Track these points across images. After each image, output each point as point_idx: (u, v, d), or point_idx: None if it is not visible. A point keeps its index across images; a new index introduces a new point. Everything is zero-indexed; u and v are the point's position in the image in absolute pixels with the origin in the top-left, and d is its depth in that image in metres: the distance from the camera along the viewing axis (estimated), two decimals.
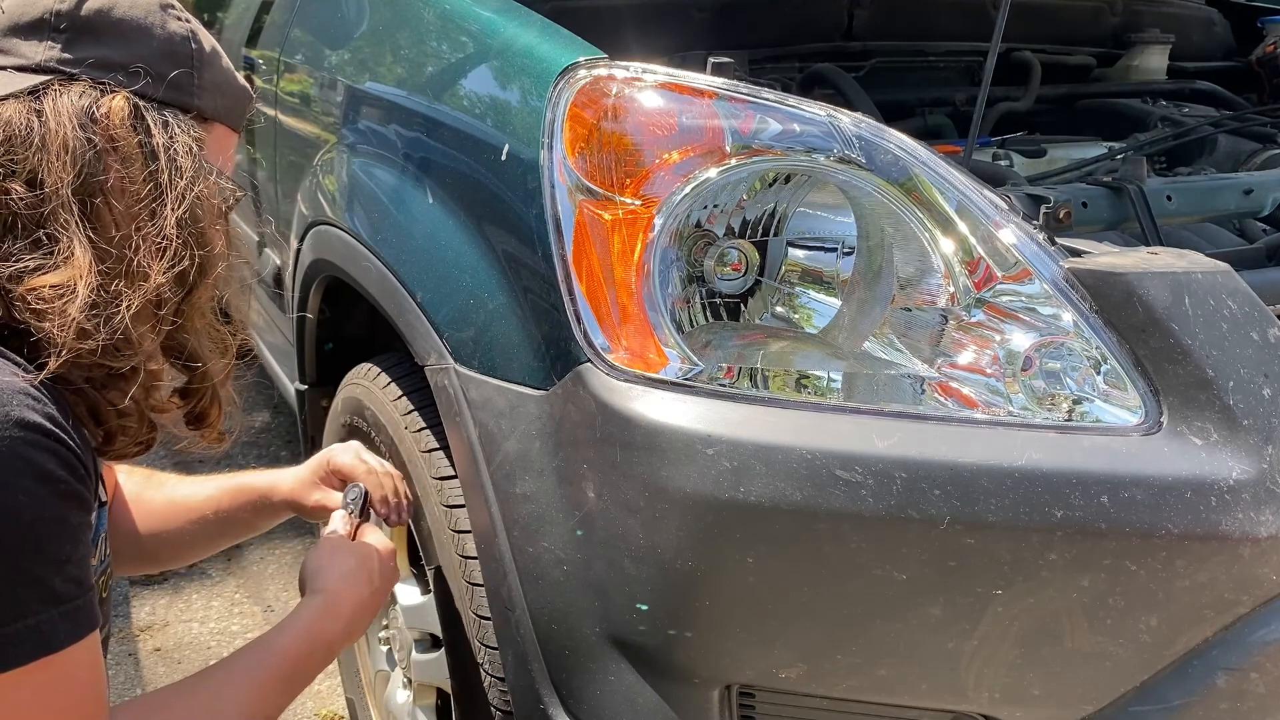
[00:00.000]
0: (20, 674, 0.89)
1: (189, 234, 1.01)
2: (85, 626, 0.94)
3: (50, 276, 0.94)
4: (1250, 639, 1.11)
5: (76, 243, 0.95)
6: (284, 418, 3.70)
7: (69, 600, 0.92)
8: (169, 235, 0.99)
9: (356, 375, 1.75)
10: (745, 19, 2.28)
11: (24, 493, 0.87)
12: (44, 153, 0.95)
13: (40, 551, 0.89)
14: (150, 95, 1.02)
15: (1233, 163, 2.00)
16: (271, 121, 2.27)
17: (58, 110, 0.96)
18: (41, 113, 0.96)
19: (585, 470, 1.18)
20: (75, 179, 0.95)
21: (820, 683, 1.17)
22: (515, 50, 1.41)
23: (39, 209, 0.95)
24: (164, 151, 1.00)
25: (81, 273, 0.94)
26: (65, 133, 0.95)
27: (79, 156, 0.96)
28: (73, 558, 0.92)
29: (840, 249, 1.25)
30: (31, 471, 0.88)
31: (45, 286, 0.93)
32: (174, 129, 1.02)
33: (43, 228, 0.95)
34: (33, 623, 0.89)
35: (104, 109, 0.98)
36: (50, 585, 0.90)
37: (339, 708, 2.29)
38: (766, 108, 1.23)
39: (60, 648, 0.91)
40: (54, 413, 0.92)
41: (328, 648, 1.20)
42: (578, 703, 1.25)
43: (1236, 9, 2.95)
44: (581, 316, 1.20)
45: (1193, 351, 1.10)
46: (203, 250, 1.02)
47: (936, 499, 1.06)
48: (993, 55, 1.46)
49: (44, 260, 0.94)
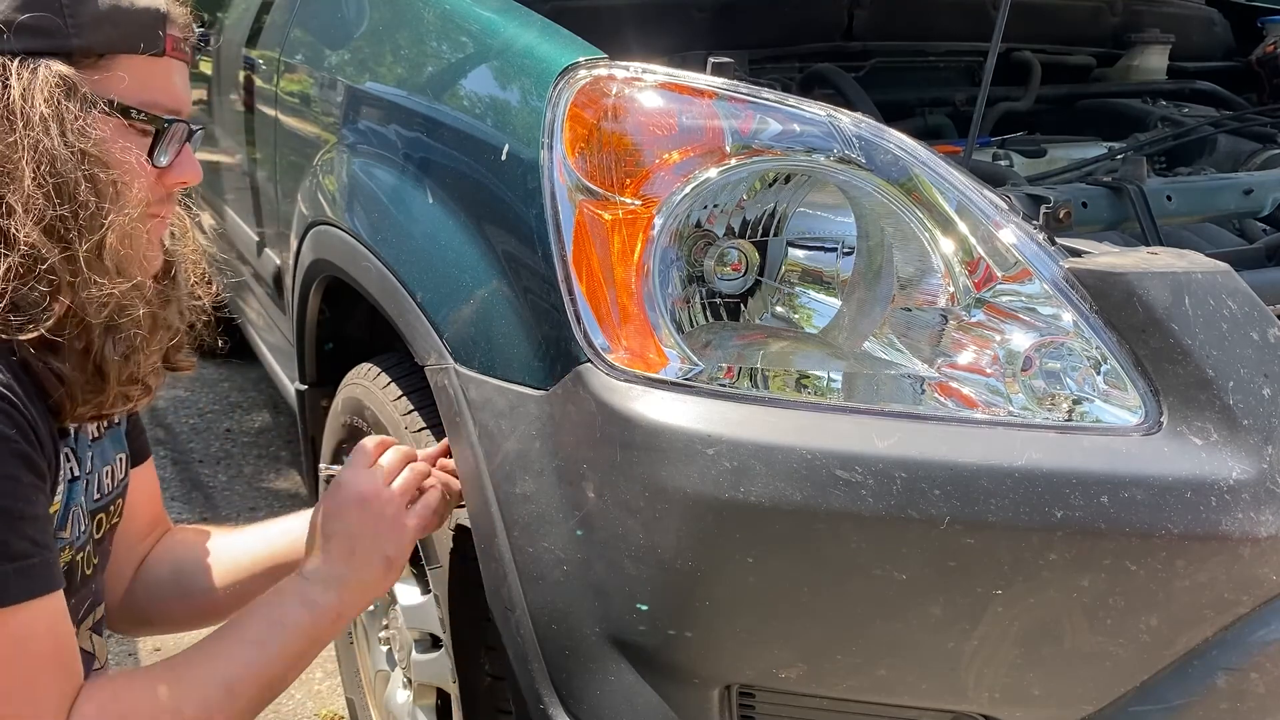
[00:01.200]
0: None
1: (73, 184, 0.98)
2: (42, 586, 0.94)
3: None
4: (1250, 639, 1.10)
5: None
6: (284, 418, 3.70)
7: (23, 557, 0.92)
8: (28, 192, 0.96)
9: (356, 375, 1.75)
10: (745, 19, 2.28)
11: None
12: None
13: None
14: (9, 49, 0.99)
15: (1233, 163, 2.00)
16: (271, 121, 2.27)
17: None
18: None
19: (585, 470, 1.18)
20: None
21: (820, 683, 1.17)
22: (515, 50, 1.41)
23: None
24: (36, 108, 0.97)
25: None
26: None
27: None
28: (25, 515, 0.93)
29: (840, 249, 1.25)
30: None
31: None
32: (45, 76, 0.98)
33: None
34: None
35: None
36: (3, 540, 0.91)
37: (339, 708, 2.29)
38: (766, 108, 1.23)
39: (10, 602, 0.91)
40: (7, 379, 0.93)
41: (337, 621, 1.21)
42: (578, 703, 1.25)
43: (1236, 9, 2.95)
44: (581, 316, 1.20)
45: (1193, 351, 1.10)
46: (99, 199, 0.99)
47: (936, 499, 1.06)
48: (993, 55, 1.46)
49: None
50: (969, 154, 1.55)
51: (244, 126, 2.57)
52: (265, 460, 3.53)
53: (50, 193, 0.97)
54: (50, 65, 1.00)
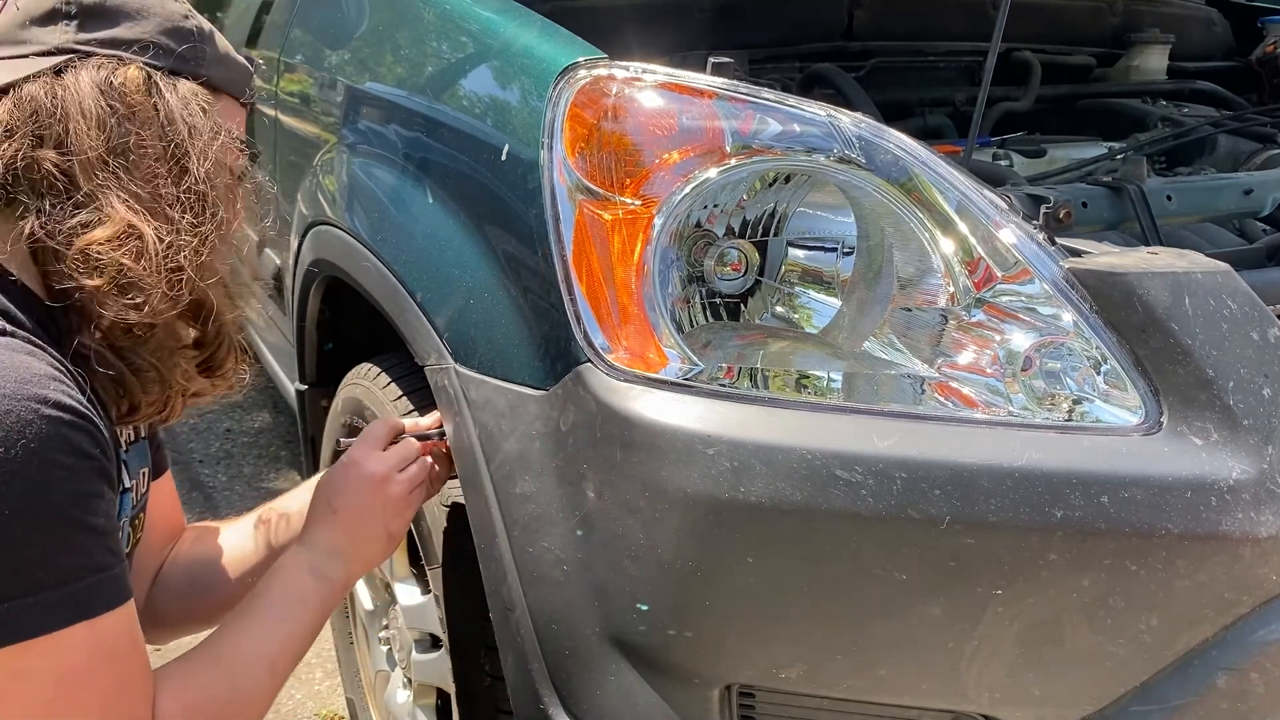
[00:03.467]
0: (68, 637, 0.94)
1: (213, 188, 1.09)
2: (124, 594, 1.00)
3: (99, 231, 1.01)
4: (1250, 639, 1.10)
5: (115, 198, 1.03)
6: (284, 418, 3.70)
7: (108, 569, 0.98)
8: (198, 190, 1.07)
9: (356, 375, 1.75)
10: (745, 19, 2.28)
11: (63, 468, 0.93)
12: (68, 120, 1.03)
13: (79, 522, 0.95)
14: (161, 66, 1.10)
15: (1233, 163, 2.00)
16: (271, 121, 2.27)
17: (78, 82, 1.04)
18: (64, 86, 1.04)
19: (585, 470, 1.18)
20: (103, 142, 1.03)
21: (820, 683, 1.17)
22: (515, 50, 1.41)
23: (72, 173, 1.02)
24: (179, 113, 1.08)
25: (132, 220, 1.02)
26: (86, 101, 1.03)
27: (102, 121, 1.03)
28: (107, 530, 0.98)
29: (840, 249, 1.25)
30: (70, 448, 0.94)
31: (99, 241, 1.01)
32: (185, 93, 1.10)
33: (79, 189, 1.02)
34: (72, 589, 0.95)
35: (120, 78, 1.06)
36: (91, 554, 0.96)
37: (339, 708, 2.29)
38: (766, 108, 1.22)
39: (99, 613, 0.97)
40: (80, 396, 0.98)
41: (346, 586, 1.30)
42: (578, 703, 1.25)
43: (1236, 9, 2.95)
44: (581, 316, 1.20)
45: (1193, 351, 1.10)
46: (226, 205, 1.10)
47: (936, 499, 1.06)
48: (993, 55, 1.46)
49: (87, 217, 1.01)
50: (969, 154, 1.55)
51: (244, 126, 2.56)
52: (265, 460, 3.53)
53: (215, 193, 1.08)
54: (191, 84, 1.11)
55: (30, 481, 0.91)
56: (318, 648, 2.49)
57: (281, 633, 1.18)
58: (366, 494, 1.29)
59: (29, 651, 0.93)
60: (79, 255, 1.01)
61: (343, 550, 1.27)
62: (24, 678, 0.94)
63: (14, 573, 0.92)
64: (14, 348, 0.96)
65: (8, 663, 0.93)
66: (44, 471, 0.92)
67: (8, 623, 0.92)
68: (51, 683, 0.95)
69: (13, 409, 0.91)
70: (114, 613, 0.98)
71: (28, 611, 0.92)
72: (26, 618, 0.92)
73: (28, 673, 0.94)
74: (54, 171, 1.02)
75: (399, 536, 1.33)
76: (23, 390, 0.92)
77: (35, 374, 0.95)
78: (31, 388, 0.93)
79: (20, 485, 0.90)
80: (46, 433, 0.92)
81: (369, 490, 1.29)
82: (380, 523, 1.30)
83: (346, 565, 1.27)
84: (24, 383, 0.93)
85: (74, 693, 0.96)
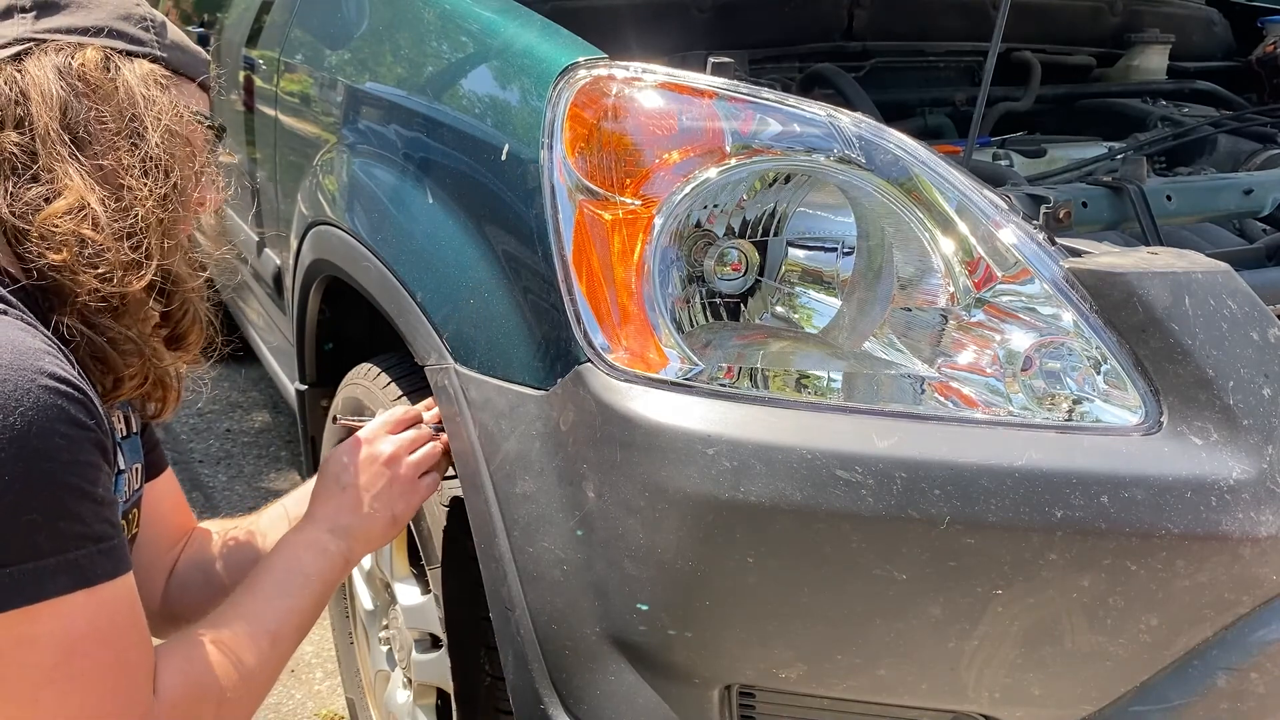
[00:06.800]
0: (69, 604, 0.96)
1: (170, 154, 1.12)
2: (123, 565, 1.01)
3: (59, 204, 1.05)
4: (1250, 639, 1.11)
5: (72, 169, 1.07)
6: (284, 418, 3.71)
7: (106, 539, 0.99)
8: (154, 155, 1.11)
9: (356, 375, 1.75)
10: (745, 19, 2.28)
11: (61, 437, 0.95)
12: (28, 103, 1.08)
13: (79, 490, 0.96)
14: (117, 48, 1.15)
15: (1233, 163, 2.00)
16: (271, 121, 2.27)
17: (39, 64, 1.10)
18: (22, 71, 1.09)
19: (585, 470, 1.18)
20: (60, 117, 1.08)
21: (820, 683, 1.17)
22: (515, 50, 1.41)
23: (33, 150, 1.07)
24: (137, 87, 1.13)
25: (83, 192, 1.06)
26: (44, 83, 1.08)
27: (63, 100, 1.08)
28: (105, 500, 1.00)
29: (840, 249, 1.25)
30: (67, 419, 0.96)
31: (58, 214, 1.05)
32: (143, 71, 1.15)
33: (38, 163, 1.07)
34: (73, 556, 0.96)
35: (78, 60, 1.11)
36: (89, 523, 0.97)
37: (339, 708, 2.29)
38: (766, 108, 1.23)
39: (99, 581, 0.98)
40: (73, 370, 1.00)
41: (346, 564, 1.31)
42: (578, 703, 1.25)
43: (1236, 9, 2.95)
44: (581, 316, 1.20)
45: (1193, 351, 1.10)
46: (183, 172, 1.14)
47: (936, 499, 1.06)
48: (993, 55, 1.46)
49: (47, 191, 1.06)
50: (969, 154, 1.55)
51: (244, 126, 2.57)
52: (265, 460, 3.53)
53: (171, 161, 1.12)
54: (147, 64, 1.16)
55: (30, 449, 0.93)
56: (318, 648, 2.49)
57: (284, 605, 1.19)
58: (374, 472, 1.32)
59: (30, 618, 0.94)
60: (41, 230, 1.04)
61: (347, 527, 1.29)
62: (26, 645, 0.95)
63: (14, 538, 0.93)
64: (9, 325, 0.98)
65: (9, 629, 0.94)
66: (43, 439, 0.93)
67: (8, 587, 0.93)
68: (53, 651, 0.96)
69: (10, 378, 0.93)
70: (114, 583, 0.99)
71: (29, 575, 0.93)
72: (28, 582, 0.93)
73: (29, 640, 0.95)
74: (15, 152, 1.06)
75: (403, 520, 1.35)
76: (20, 361, 0.94)
77: (31, 347, 0.96)
78: (29, 359, 0.95)
79: (19, 450, 0.92)
80: (45, 401, 0.94)
81: (377, 469, 1.32)
82: (385, 502, 1.32)
83: (350, 542, 1.29)
84: (21, 354, 0.95)
85: (76, 661, 0.97)
